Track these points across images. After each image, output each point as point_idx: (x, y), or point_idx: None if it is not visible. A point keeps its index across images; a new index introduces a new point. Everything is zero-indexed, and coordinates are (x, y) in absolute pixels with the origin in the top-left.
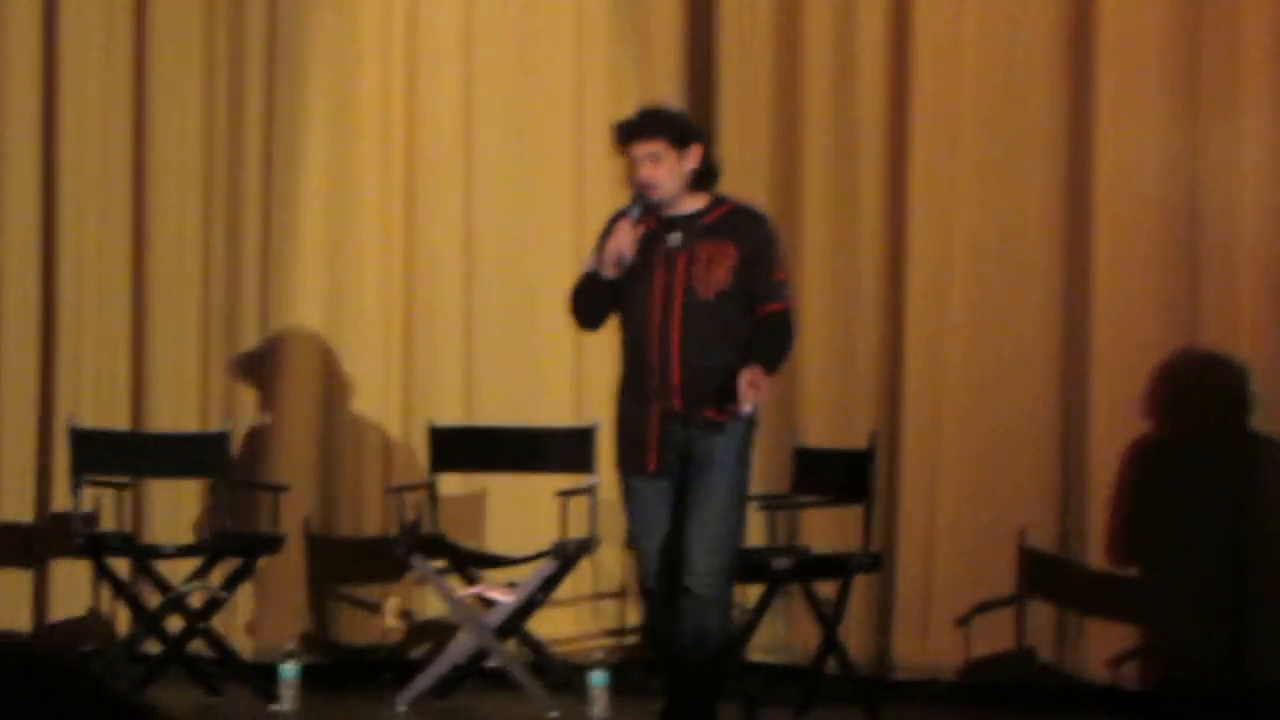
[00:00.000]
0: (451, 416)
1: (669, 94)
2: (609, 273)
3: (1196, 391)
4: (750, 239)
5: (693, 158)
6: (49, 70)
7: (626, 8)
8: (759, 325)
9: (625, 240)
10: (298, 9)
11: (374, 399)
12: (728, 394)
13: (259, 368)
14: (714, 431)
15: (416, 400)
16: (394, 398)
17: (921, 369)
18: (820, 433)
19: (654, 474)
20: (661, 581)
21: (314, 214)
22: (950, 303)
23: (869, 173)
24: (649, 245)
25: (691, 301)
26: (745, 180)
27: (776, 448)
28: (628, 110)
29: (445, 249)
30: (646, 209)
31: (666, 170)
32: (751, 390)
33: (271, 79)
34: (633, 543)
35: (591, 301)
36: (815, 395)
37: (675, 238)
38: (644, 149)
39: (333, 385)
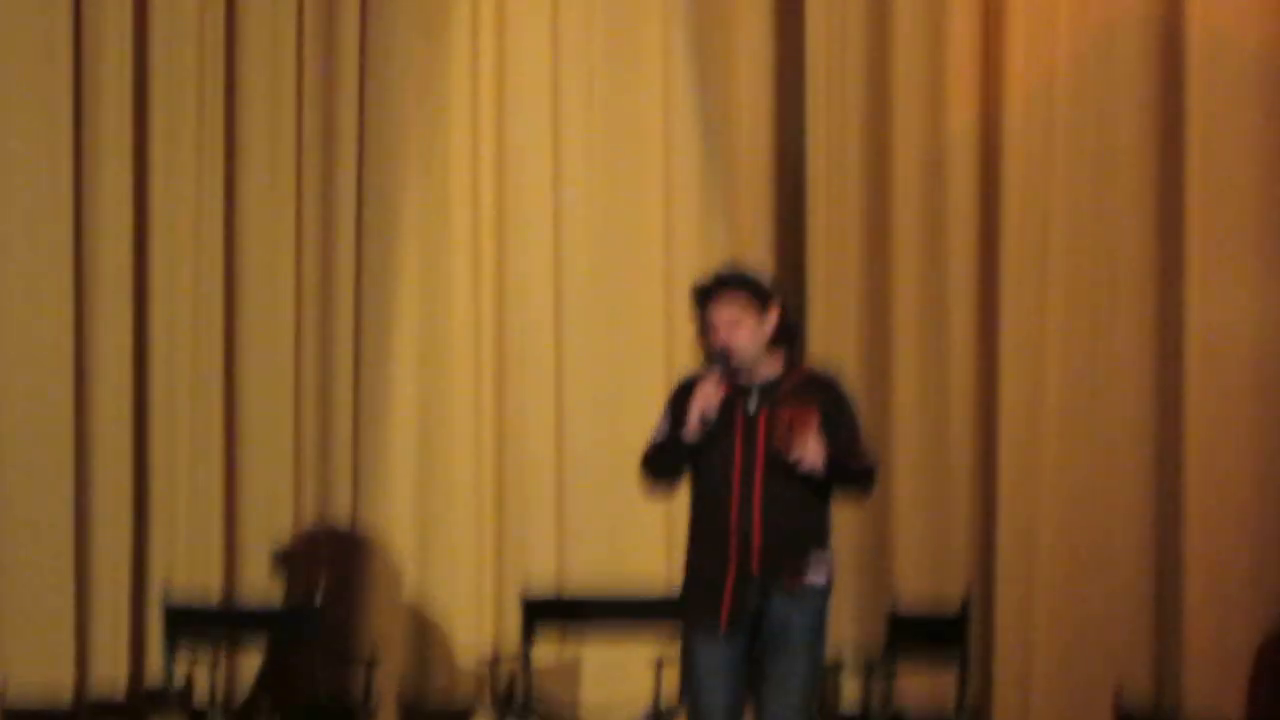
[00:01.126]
0: (544, 582)
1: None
2: (692, 436)
3: None
4: (831, 403)
5: (771, 320)
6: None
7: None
8: None
9: (711, 401)
10: (387, 174)
11: (467, 565)
12: (805, 561)
13: (352, 539)
14: (791, 600)
15: (509, 567)
16: (487, 565)
17: (1015, 528)
18: (913, 596)
19: (725, 636)
20: None
21: (404, 383)
22: (1041, 467)
23: (959, 337)
24: (728, 407)
25: (772, 466)
26: (834, 357)
27: (871, 612)
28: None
29: (536, 408)
30: (728, 372)
31: (748, 333)
32: (804, 445)
33: (361, 247)
34: (692, 701)
35: (669, 464)
36: (908, 559)
37: (754, 403)
38: (725, 312)
39: (424, 554)
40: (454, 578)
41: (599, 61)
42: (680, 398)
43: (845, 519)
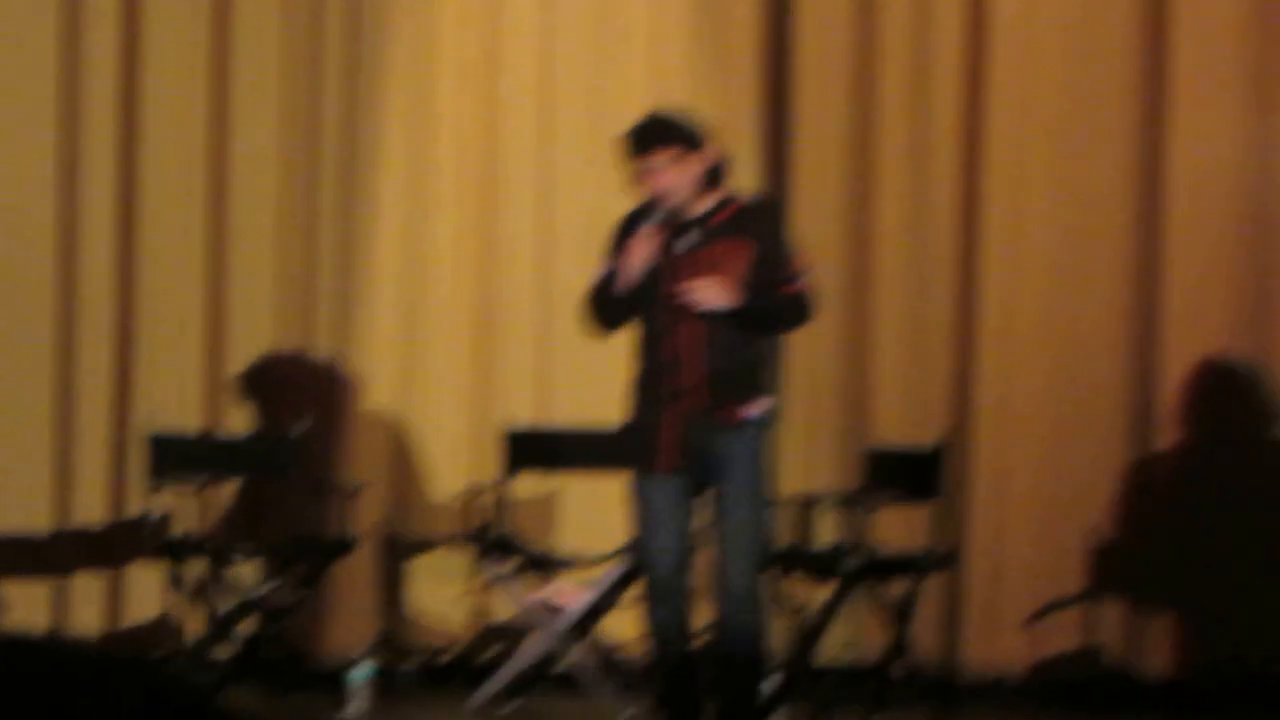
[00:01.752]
0: (525, 415)
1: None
2: (624, 288)
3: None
4: (763, 233)
5: (704, 160)
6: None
7: (707, 29)
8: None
9: (645, 249)
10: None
11: (447, 400)
12: (742, 396)
13: (331, 369)
14: (733, 433)
15: (490, 401)
16: (466, 398)
17: (992, 368)
18: (891, 431)
19: (667, 474)
20: (671, 579)
21: (389, 213)
22: (1022, 302)
23: (942, 172)
24: (663, 250)
25: None
26: (818, 185)
27: (847, 445)
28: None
29: (520, 252)
30: (666, 216)
31: (680, 175)
32: (700, 288)
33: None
34: (641, 541)
35: (610, 307)
36: (886, 393)
37: (684, 242)
38: (660, 157)
39: (405, 386)
40: (434, 411)
41: None
42: (622, 235)
43: (823, 353)
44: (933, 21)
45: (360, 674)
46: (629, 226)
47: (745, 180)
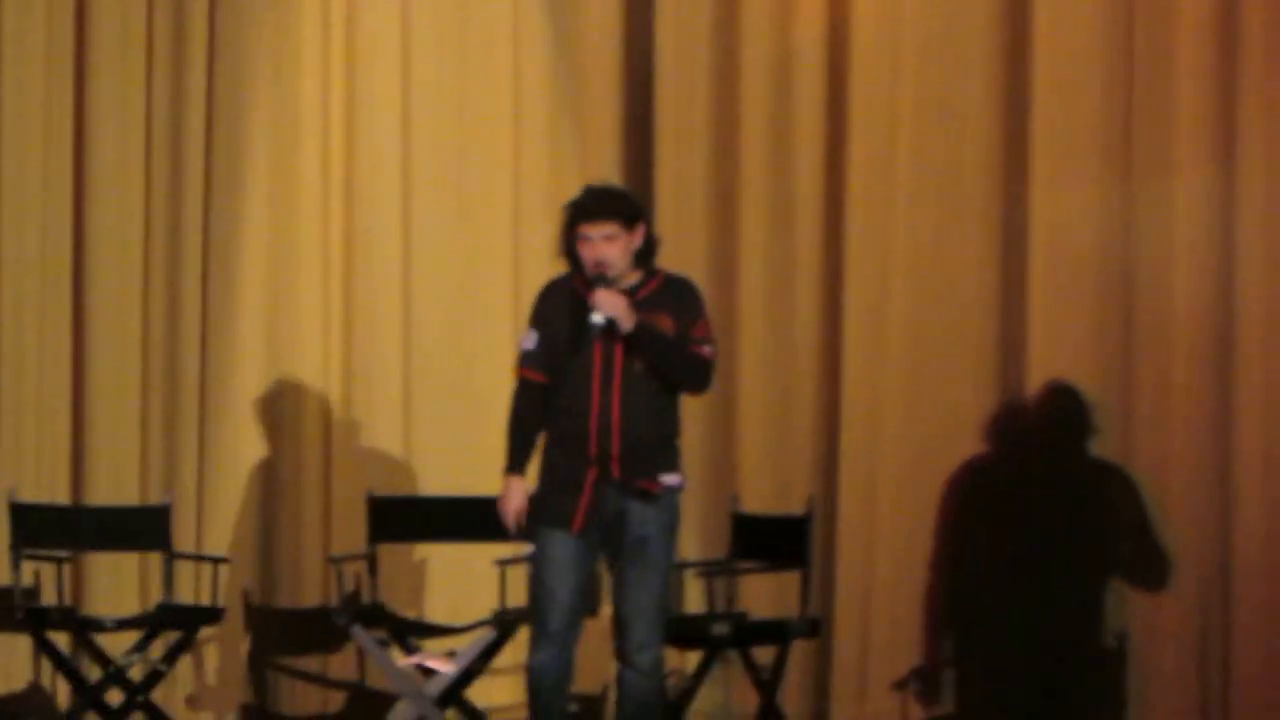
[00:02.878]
0: (391, 487)
1: (608, 159)
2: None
3: None
4: (683, 309)
5: (639, 237)
6: None
7: (565, 74)
8: None
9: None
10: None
11: (313, 468)
12: (660, 466)
13: (199, 440)
14: (647, 502)
15: (355, 470)
16: (334, 467)
17: (857, 436)
18: (758, 498)
19: (578, 534)
20: (562, 632)
21: (253, 280)
22: (886, 372)
23: (806, 241)
24: (586, 316)
25: (630, 374)
26: (683, 249)
27: (715, 513)
28: (566, 179)
29: (384, 318)
30: (603, 284)
31: (619, 249)
32: (608, 298)
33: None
34: (539, 584)
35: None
36: (753, 461)
37: (599, 317)
38: (601, 230)
39: (272, 455)
40: (302, 479)
41: None
42: (543, 303)
43: (691, 421)
44: (793, 90)
45: None
46: (552, 294)
47: None
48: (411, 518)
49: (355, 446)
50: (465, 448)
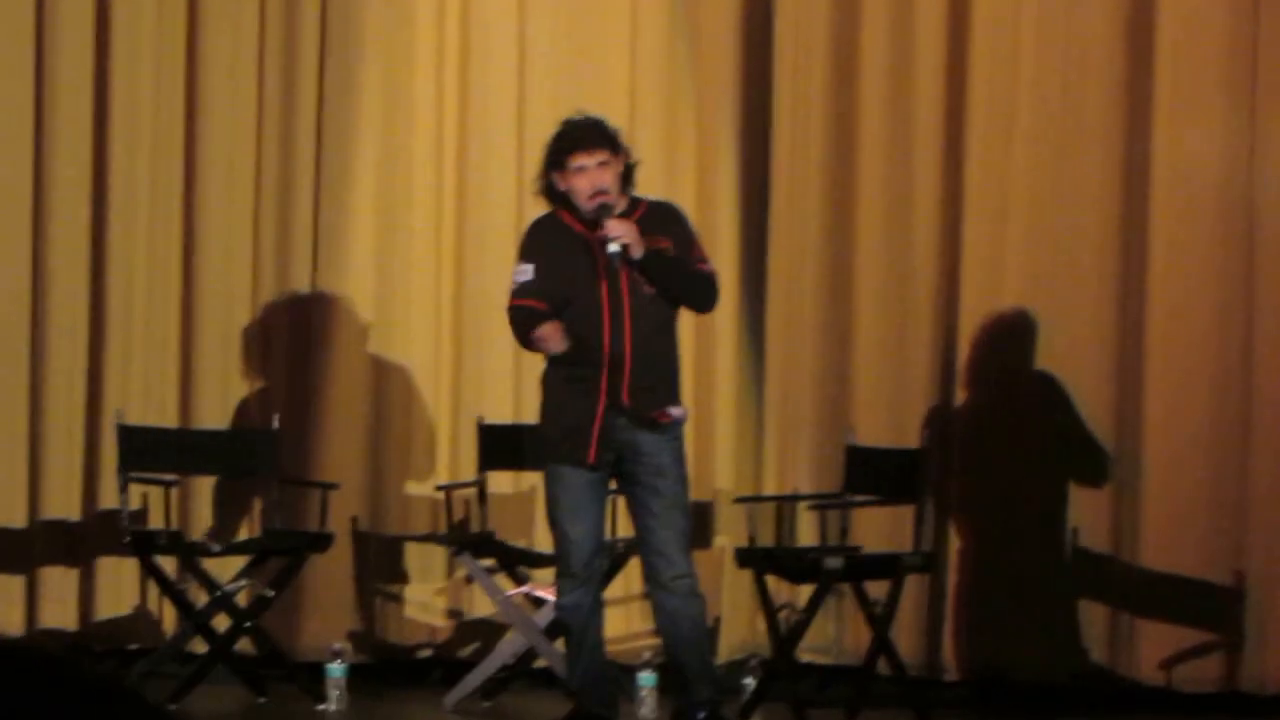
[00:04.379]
0: (501, 413)
1: (724, 157)
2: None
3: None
4: (677, 230)
5: (622, 163)
6: (100, 69)
7: (682, 72)
8: None
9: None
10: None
11: (423, 396)
12: (667, 397)
13: (308, 367)
14: (660, 432)
15: (466, 397)
16: (443, 394)
17: (971, 372)
18: (873, 432)
19: (591, 466)
20: (588, 564)
21: (363, 210)
22: (1004, 303)
23: (924, 172)
24: (587, 247)
25: (639, 299)
26: (799, 185)
27: (829, 446)
28: (681, 102)
29: (495, 245)
30: (606, 210)
31: (612, 175)
32: (620, 226)
33: (323, 84)
34: (557, 529)
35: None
36: (868, 394)
37: (615, 245)
38: (595, 157)
39: (381, 382)
40: (411, 406)
41: None
42: (535, 238)
43: (806, 356)
44: (914, 29)
45: (338, 669)
46: (544, 228)
47: (725, 185)
48: (521, 446)
49: (466, 373)
50: None
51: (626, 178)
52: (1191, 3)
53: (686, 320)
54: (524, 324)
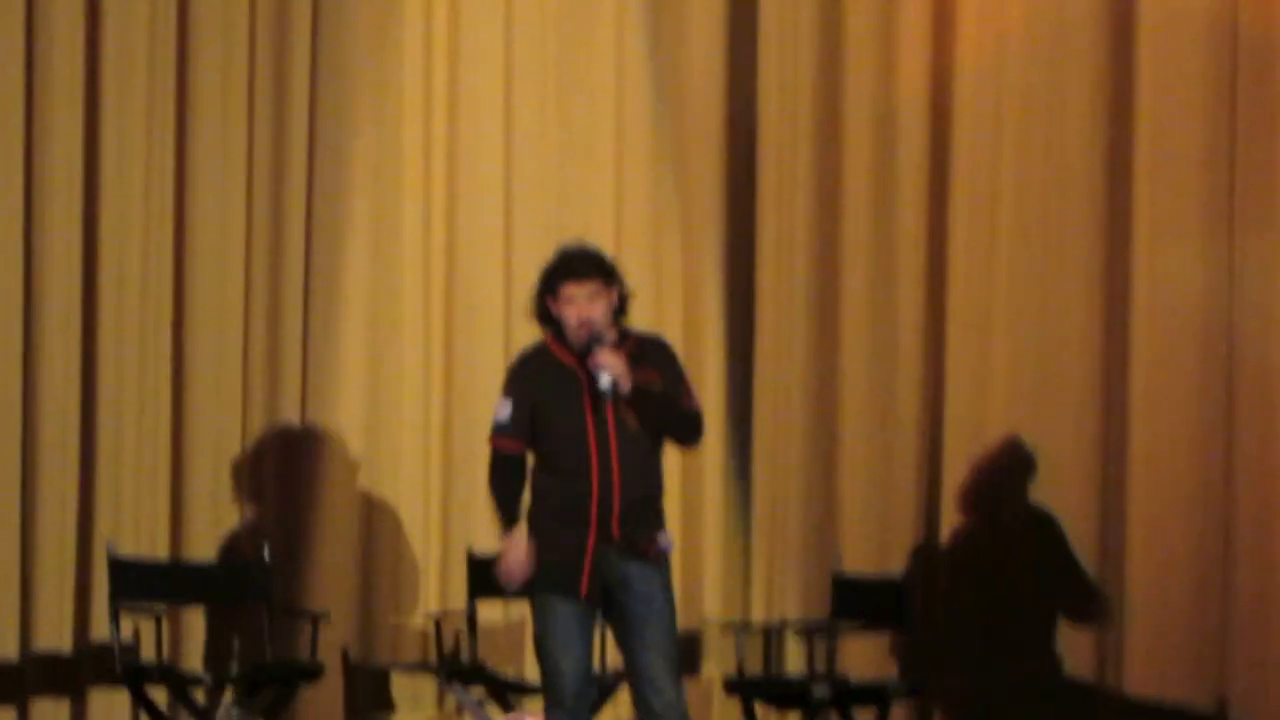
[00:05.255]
0: (490, 543)
1: (710, 210)
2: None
3: None
4: (665, 366)
5: (614, 294)
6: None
7: (667, 124)
8: None
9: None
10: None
11: (412, 525)
12: (655, 524)
13: (298, 495)
14: (649, 563)
15: (456, 526)
16: (433, 523)
17: (957, 499)
18: (860, 556)
19: (583, 598)
20: (578, 698)
21: (352, 339)
22: (989, 429)
23: (907, 292)
24: (573, 379)
25: (624, 434)
26: (783, 300)
27: (815, 574)
28: (667, 229)
29: (484, 375)
30: (595, 341)
31: (602, 307)
32: (609, 358)
33: (312, 201)
34: (548, 660)
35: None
36: (854, 518)
37: (606, 379)
38: (585, 288)
39: (371, 511)
40: (400, 535)
41: (553, 18)
42: (520, 373)
43: (792, 483)
44: (896, 142)
45: None
46: (529, 364)
47: (711, 310)
48: None
49: (455, 502)
50: None
51: (620, 309)
52: (1168, 121)
53: (673, 448)
54: (497, 477)
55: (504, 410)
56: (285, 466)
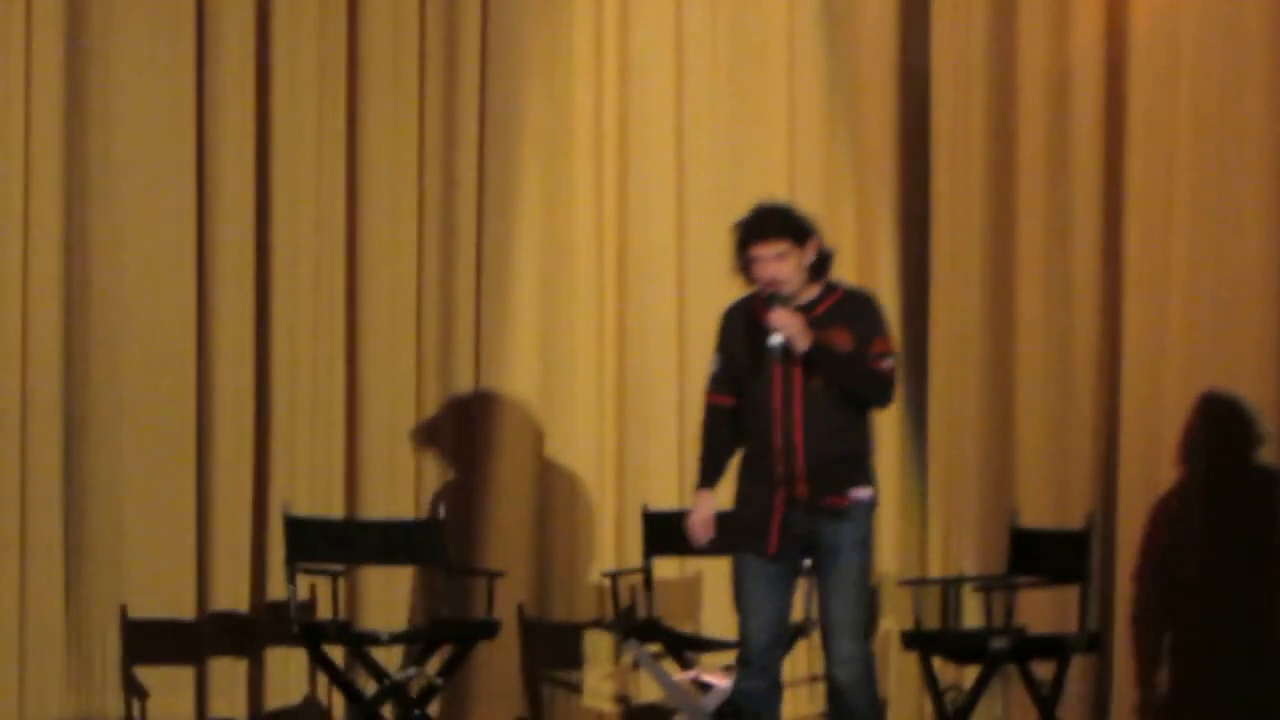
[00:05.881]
0: (666, 499)
1: (883, 170)
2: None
3: None
4: (862, 323)
5: (811, 252)
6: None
7: (840, 85)
8: None
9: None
10: (509, 89)
11: (588, 483)
12: (849, 480)
13: (473, 454)
14: (839, 519)
15: (631, 484)
16: (608, 481)
17: (1138, 448)
18: (1037, 513)
19: (772, 557)
20: (766, 654)
21: (526, 298)
22: (1166, 383)
23: (1083, 253)
24: (765, 336)
25: (809, 392)
26: (959, 260)
27: (993, 528)
28: (840, 191)
29: (658, 331)
30: (781, 303)
31: (791, 266)
32: (784, 318)
33: (483, 179)
34: (741, 617)
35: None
36: (1031, 475)
37: (776, 338)
38: (772, 248)
39: (546, 470)
40: (576, 494)
41: None
42: (725, 326)
43: (968, 439)
44: (1070, 100)
45: None
46: (734, 318)
47: (885, 272)
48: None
49: (630, 460)
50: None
51: (821, 265)
52: None
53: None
54: (705, 430)
55: (714, 363)
56: (460, 427)
